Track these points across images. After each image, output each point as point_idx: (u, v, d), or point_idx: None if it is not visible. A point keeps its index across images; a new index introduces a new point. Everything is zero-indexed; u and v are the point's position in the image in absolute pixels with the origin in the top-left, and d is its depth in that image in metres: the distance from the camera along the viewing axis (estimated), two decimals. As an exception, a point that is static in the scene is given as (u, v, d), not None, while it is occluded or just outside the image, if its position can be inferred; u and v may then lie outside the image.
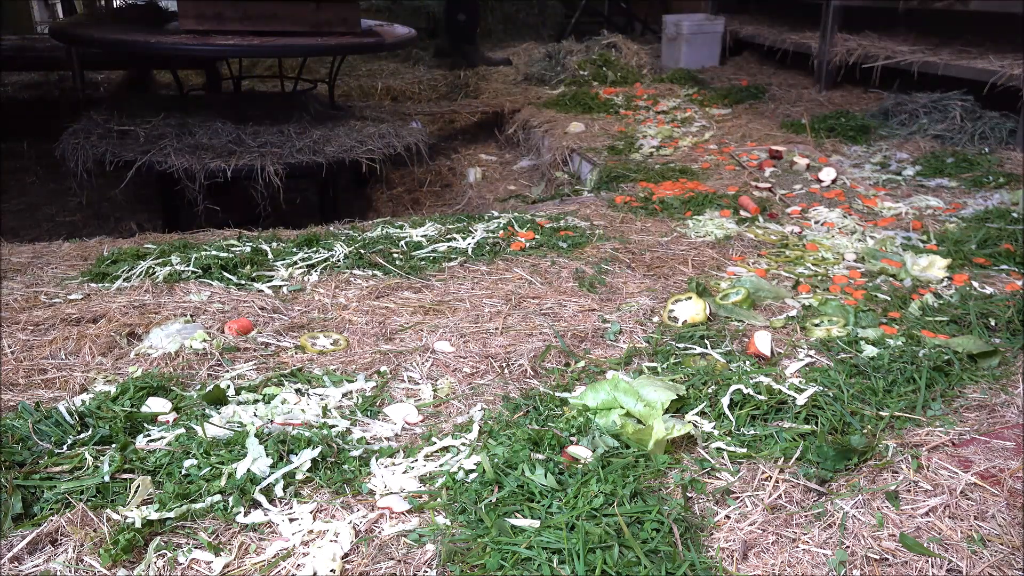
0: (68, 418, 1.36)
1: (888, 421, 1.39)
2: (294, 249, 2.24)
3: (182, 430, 1.35)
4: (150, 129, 3.49)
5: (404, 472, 1.28)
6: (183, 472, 1.24)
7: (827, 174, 2.99)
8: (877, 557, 1.08)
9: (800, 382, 1.50)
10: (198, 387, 1.53)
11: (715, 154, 3.42)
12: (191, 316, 1.82)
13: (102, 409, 1.40)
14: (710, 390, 1.47)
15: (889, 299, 1.92)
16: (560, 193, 3.30)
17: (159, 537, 1.12)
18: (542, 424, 1.39)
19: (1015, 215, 2.44)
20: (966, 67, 3.62)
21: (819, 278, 2.07)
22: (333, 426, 1.39)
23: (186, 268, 2.08)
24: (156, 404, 1.43)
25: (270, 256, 2.19)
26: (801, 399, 1.43)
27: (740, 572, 1.07)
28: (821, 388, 1.46)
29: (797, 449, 1.30)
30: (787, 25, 5.39)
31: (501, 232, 2.42)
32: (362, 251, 2.23)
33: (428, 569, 1.07)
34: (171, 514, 1.15)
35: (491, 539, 1.09)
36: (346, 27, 3.71)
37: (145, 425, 1.38)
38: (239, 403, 1.47)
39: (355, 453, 1.32)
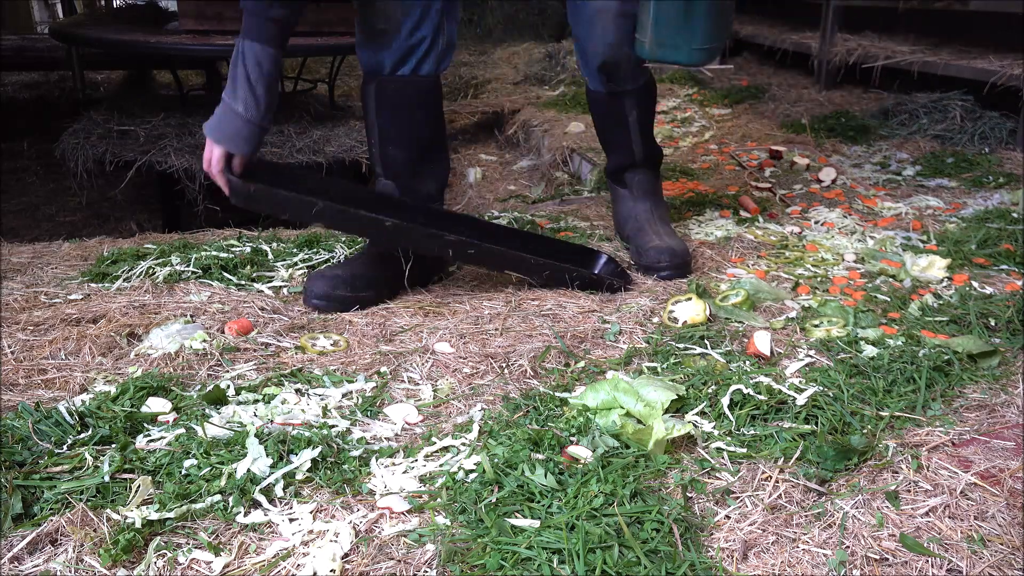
0: (68, 418, 1.36)
1: (888, 421, 1.40)
2: (294, 250, 2.25)
3: (182, 430, 1.35)
4: (150, 129, 3.49)
5: (404, 472, 1.28)
6: (183, 472, 1.24)
7: (827, 174, 2.99)
8: (877, 557, 1.08)
9: (800, 382, 1.50)
10: (198, 387, 1.54)
11: (715, 154, 3.42)
12: (191, 316, 1.83)
13: (102, 409, 1.40)
14: (710, 390, 1.47)
15: (889, 299, 1.92)
16: (560, 193, 3.30)
17: (159, 537, 1.12)
18: (542, 424, 1.39)
19: (1015, 215, 2.44)
20: (966, 67, 3.62)
21: (819, 279, 2.07)
22: (333, 426, 1.39)
23: (186, 268, 2.08)
24: (156, 404, 1.43)
25: (270, 256, 2.19)
26: (801, 399, 1.43)
27: (740, 572, 1.07)
28: (821, 388, 1.46)
29: (797, 449, 1.30)
30: (787, 25, 5.39)
31: (501, 232, 2.42)
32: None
33: (428, 569, 1.07)
34: (171, 514, 1.15)
35: (491, 539, 1.09)
36: (346, 27, 3.71)
37: (145, 425, 1.38)
38: (239, 403, 1.47)
39: (355, 453, 1.32)
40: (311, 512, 1.18)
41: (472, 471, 1.26)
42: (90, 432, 1.34)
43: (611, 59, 2.02)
